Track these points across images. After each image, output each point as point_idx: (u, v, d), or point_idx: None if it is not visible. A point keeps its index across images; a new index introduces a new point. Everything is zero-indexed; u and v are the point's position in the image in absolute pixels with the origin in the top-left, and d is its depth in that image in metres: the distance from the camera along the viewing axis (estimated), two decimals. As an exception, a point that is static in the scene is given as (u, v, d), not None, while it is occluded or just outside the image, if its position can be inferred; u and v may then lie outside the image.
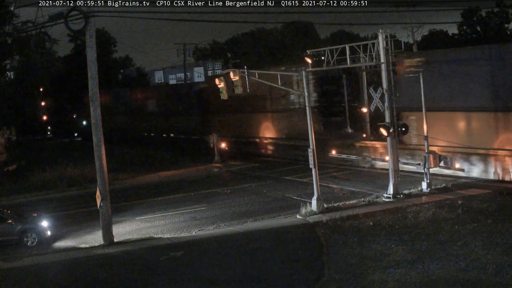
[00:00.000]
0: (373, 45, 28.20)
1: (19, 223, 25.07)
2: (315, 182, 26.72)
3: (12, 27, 41.00)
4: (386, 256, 19.51)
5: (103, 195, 24.09)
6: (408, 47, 49.82)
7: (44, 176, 39.46)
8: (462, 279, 16.83)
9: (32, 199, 35.43)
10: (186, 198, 32.85)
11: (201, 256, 21.60)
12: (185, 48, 75.26)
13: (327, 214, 25.76)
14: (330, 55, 28.91)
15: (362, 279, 17.65)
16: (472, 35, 66.24)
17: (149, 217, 28.72)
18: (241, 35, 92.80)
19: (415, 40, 55.71)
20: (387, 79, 28.00)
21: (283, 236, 23.36)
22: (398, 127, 28.06)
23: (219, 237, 23.80)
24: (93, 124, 24.32)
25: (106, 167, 24.51)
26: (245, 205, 29.55)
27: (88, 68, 24.17)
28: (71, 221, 28.88)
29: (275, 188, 33.43)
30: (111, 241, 24.16)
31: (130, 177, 40.76)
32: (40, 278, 20.81)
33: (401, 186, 28.73)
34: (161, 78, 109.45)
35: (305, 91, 27.22)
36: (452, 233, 21.47)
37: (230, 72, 28.30)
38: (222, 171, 41.70)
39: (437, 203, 26.08)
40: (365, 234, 22.33)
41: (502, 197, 26.13)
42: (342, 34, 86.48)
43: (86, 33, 23.93)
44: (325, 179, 32.96)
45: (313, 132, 27.09)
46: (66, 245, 24.62)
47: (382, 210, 25.81)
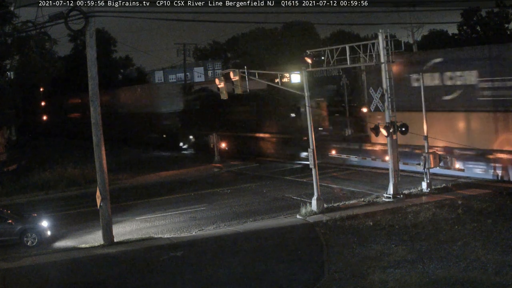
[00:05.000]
0: (373, 45, 28.18)
1: (19, 223, 25.07)
2: (315, 182, 26.73)
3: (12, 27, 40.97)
4: (386, 256, 19.52)
5: (103, 195, 24.09)
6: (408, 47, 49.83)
7: (44, 176, 39.43)
8: (462, 279, 16.84)
9: (32, 199, 35.42)
10: (186, 198, 32.86)
11: (201, 256, 21.60)
12: (185, 48, 75.22)
13: (327, 214, 25.77)
14: (330, 55, 28.88)
15: (362, 279, 17.66)
16: (472, 35, 66.26)
17: (149, 217, 28.72)
18: (241, 35, 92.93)
19: (415, 40, 55.72)
20: (387, 79, 28.00)
21: (283, 236, 23.36)
22: (398, 127, 28.03)
23: (219, 237, 23.81)
24: (93, 124, 24.31)
25: (106, 167, 24.52)
26: (245, 205, 29.56)
27: (88, 68, 24.17)
28: (71, 221, 28.89)
29: (275, 188, 33.44)
30: (111, 241, 24.16)
31: (130, 177, 40.77)
32: (40, 278, 20.82)
33: (401, 186, 28.74)
34: (161, 78, 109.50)
35: (305, 91, 27.22)
36: (452, 233, 21.47)
37: (230, 72, 28.31)
38: (222, 171, 41.72)
39: (437, 203, 26.09)
40: (365, 234, 22.33)
41: (502, 197, 26.15)
42: (342, 34, 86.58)
43: (86, 33, 23.93)
44: (325, 179, 32.96)
45: (313, 132, 27.09)
46: (66, 245, 24.62)
47: (382, 210, 25.82)
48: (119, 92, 70.41)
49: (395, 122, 27.75)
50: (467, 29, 67.37)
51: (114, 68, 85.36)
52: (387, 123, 27.70)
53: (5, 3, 41.38)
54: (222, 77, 29.21)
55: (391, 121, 27.71)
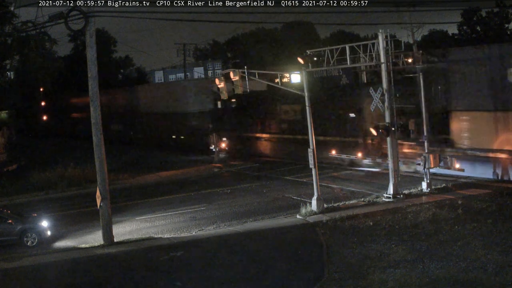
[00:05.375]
0: (373, 45, 28.20)
1: (19, 223, 25.07)
2: (315, 182, 26.73)
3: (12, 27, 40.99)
4: (386, 256, 19.52)
5: (103, 195, 24.09)
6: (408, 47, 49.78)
7: (44, 176, 39.43)
8: (462, 279, 16.84)
9: (32, 199, 35.41)
10: (186, 198, 32.85)
11: (201, 256, 21.60)
12: (185, 48, 75.30)
13: (327, 214, 25.78)
14: (330, 55, 28.89)
15: (362, 279, 17.65)
16: (472, 35, 66.28)
17: (149, 217, 28.72)
18: (241, 35, 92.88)
19: (415, 40, 55.66)
20: (387, 79, 28.01)
21: (283, 236, 23.36)
22: (399, 127, 28.06)
23: (219, 237, 23.80)
24: (93, 124, 24.30)
25: (106, 167, 24.52)
26: (245, 205, 29.56)
27: (88, 68, 24.17)
28: (71, 221, 28.88)
29: (275, 188, 33.44)
30: (111, 241, 24.16)
31: (130, 177, 40.78)
32: (40, 278, 20.81)
33: (401, 186, 28.74)
34: (161, 78, 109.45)
35: (305, 91, 27.21)
36: (452, 233, 21.48)
37: (230, 72, 28.31)
38: (222, 171, 41.71)
39: (437, 203, 26.10)
40: (365, 234, 22.34)
41: (502, 197, 26.15)
42: (342, 34, 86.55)
43: (86, 33, 23.93)
44: (325, 179, 32.96)
45: (313, 132, 27.08)
46: (66, 245, 24.62)
47: (382, 210, 25.82)
48: (139, 90, 66.99)
49: (395, 122, 27.77)
50: (467, 29, 67.40)
51: (114, 68, 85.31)
52: (387, 123, 27.72)
53: (5, 3, 41.37)
54: (222, 77, 29.21)
55: (391, 121, 27.74)
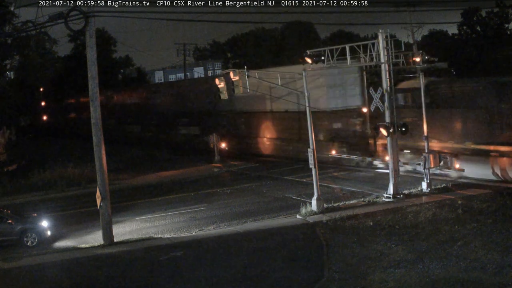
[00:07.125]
0: (373, 45, 28.18)
1: (19, 223, 25.06)
2: (315, 182, 26.72)
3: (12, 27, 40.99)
4: (386, 256, 19.51)
5: (103, 195, 24.09)
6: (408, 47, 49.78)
7: (44, 176, 39.43)
8: (462, 279, 16.83)
9: (32, 199, 35.38)
10: (186, 198, 32.85)
11: (201, 256, 21.60)
12: (185, 48, 75.33)
13: (327, 214, 25.77)
14: (330, 55, 28.88)
15: (362, 279, 17.65)
16: (472, 35, 66.21)
17: (149, 217, 28.72)
18: (241, 35, 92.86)
19: (415, 40, 55.67)
20: (387, 79, 28.00)
21: (283, 236, 23.35)
22: (398, 127, 28.03)
23: (219, 237, 23.80)
24: (93, 124, 24.30)
25: (106, 167, 24.52)
26: (245, 205, 29.55)
27: (88, 68, 24.17)
28: (71, 221, 28.88)
29: (275, 188, 33.44)
30: (111, 241, 24.15)
31: (130, 177, 40.77)
32: (40, 278, 20.81)
33: (401, 186, 28.73)
34: (161, 78, 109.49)
35: (305, 91, 27.22)
36: (452, 233, 21.47)
37: (230, 72, 28.29)
38: (222, 171, 41.70)
39: (437, 203, 26.09)
40: (365, 234, 22.34)
41: (502, 197, 26.15)
42: (342, 34, 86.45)
43: (86, 33, 23.92)
44: (325, 179, 32.95)
45: (313, 132, 27.09)
46: (66, 245, 24.62)
47: (382, 210, 25.81)
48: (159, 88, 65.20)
49: (395, 122, 27.76)
50: (467, 29, 67.30)
51: (114, 68, 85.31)
52: (387, 123, 27.71)
53: (5, 3, 41.38)
54: (222, 77, 29.19)
55: (391, 121, 27.73)
